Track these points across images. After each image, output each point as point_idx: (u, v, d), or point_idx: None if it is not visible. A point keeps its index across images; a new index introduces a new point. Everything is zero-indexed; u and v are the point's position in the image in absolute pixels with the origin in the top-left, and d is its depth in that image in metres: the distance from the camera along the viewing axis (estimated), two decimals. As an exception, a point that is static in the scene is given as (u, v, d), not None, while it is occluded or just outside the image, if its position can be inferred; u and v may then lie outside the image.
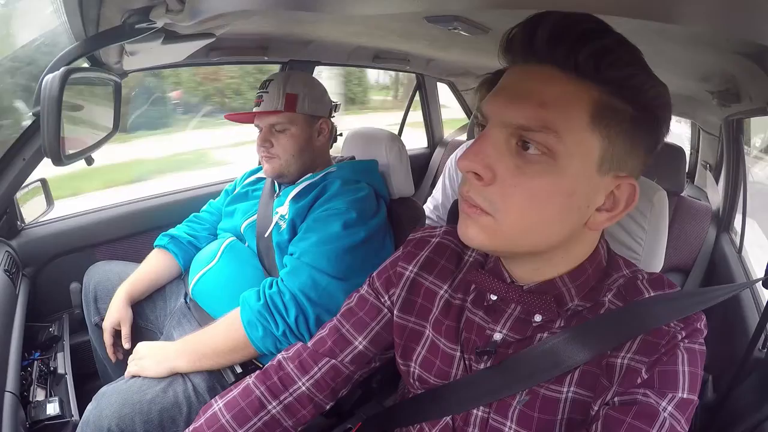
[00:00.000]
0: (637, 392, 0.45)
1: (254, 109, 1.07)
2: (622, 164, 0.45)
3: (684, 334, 0.46)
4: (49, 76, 0.69)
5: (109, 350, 1.04)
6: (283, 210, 1.04)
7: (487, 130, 0.45)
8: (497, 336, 0.54)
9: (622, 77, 0.42)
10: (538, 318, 0.52)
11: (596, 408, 0.47)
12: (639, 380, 0.45)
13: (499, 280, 0.54)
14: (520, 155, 0.44)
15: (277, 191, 1.12)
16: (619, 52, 0.42)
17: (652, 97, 0.43)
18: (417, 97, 2.42)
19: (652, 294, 0.50)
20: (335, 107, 1.16)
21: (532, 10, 0.43)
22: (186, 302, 1.11)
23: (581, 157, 0.43)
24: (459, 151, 1.68)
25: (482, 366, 0.54)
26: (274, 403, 0.63)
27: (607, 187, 0.46)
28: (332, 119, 1.16)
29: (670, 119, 0.47)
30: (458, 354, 0.56)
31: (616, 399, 0.46)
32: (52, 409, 0.87)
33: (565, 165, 0.43)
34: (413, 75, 2.34)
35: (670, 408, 0.44)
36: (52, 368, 0.99)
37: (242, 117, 1.10)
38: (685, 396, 0.44)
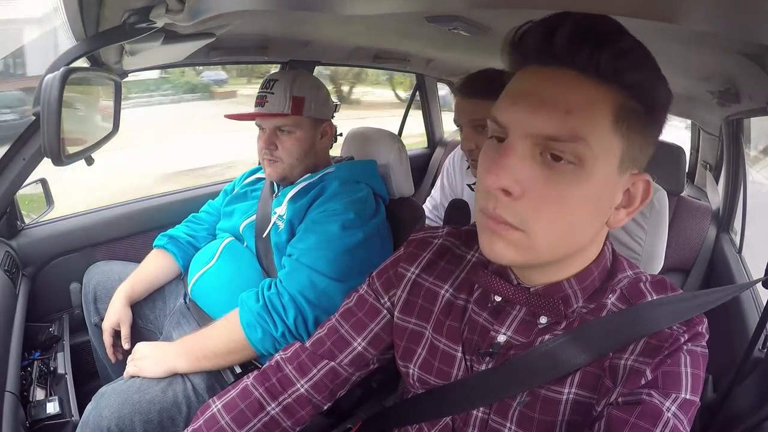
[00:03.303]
0: (641, 392, 0.45)
1: (258, 110, 1.05)
2: (636, 161, 0.46)
3: (686, 337, 0.47)
4: (49, 76, 0.69)
5: (109, 351, 1.04)
6: (281, 210, 1.04)
7: (510, 141, 0.43)
8: (501, 338, 0.53)
9: (640, 79, 0.42)
10: (543, 320, 0.52)
11: (600, 408, 0.47)
12: (643, 381, 0.45)
13: (505, 282, 0.53)
14: (548, 165, 0.42)
15: (276, 191, 1.12)
16: (636, 54, 0.42)
17: (663, 96, 0.44)
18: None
19: (654, 297, 0.50)
20: (336, 108, 1.16)
21: (533, 10, 0.42)
22: (185, 302, 1.11)
23: (605, 161, 0.43)
24: (457, 151, 1.68)
25: (483, 367, 0.54)
26: (273, 405, 0.63)
27: (625, 184, 0.46)
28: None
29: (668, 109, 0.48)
30: (459, 355, 0.56)
31: (620, 399, 0.46)
32: (52, 408, 0.87)
33: (591, 171, 0.42)
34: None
35: (673, 408, 0.44)
36: (52, 368, 0.99)
37: (245, 117, 1.09)
38: (688, 397, 0.45)
